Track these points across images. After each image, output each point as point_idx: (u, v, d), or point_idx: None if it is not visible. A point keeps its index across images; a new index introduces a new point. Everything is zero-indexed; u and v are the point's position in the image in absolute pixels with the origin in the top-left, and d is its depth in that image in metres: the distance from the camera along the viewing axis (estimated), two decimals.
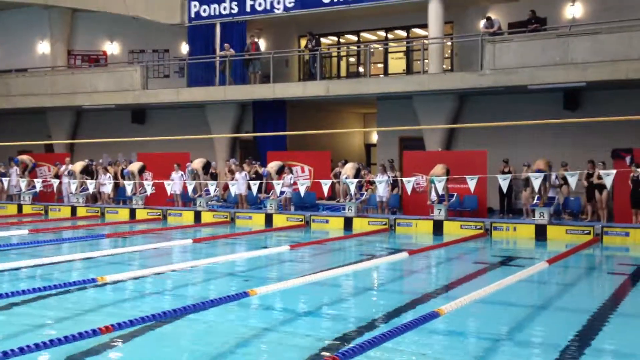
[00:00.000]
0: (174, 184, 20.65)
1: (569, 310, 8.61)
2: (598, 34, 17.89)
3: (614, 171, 14.85)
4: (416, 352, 6.43)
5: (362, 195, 18.97)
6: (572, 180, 15.42)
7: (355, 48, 25.01)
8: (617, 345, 6.83)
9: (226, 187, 21.04)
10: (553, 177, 16.93)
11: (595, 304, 8.73)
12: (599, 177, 16.27)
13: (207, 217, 19.50)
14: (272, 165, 19.78)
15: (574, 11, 20.71)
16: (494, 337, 7.00)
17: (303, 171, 21.47)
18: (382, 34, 24.73)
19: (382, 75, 23.75)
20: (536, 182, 15.66)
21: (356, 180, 18.08)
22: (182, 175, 20.88)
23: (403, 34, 24.50)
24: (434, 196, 17.42)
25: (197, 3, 24.38)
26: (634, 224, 15.72)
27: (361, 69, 24.39)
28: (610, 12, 19.40)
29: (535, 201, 16.54)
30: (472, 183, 16.29)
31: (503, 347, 6.74)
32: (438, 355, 6.40)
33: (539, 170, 16.06)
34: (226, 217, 19.29)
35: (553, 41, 18.50)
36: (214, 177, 21.13)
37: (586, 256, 13.60)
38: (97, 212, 21.04)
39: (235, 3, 23.75)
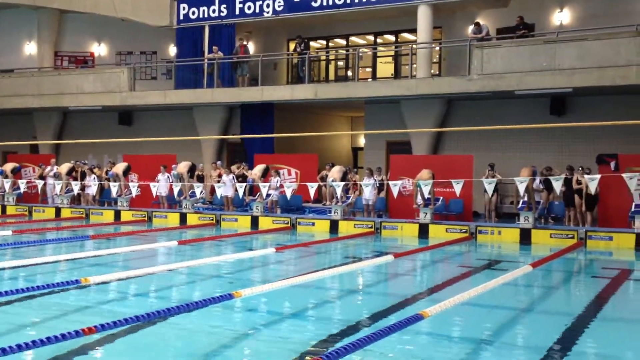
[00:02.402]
0: (159, 186, 20.58)
1: (552, 314, 8.66)
2: (585, 41, 18.04)
3: (598, 176, 14.95)
4: (400, 354, 6.45)
5: (348, 198, 18.99)
6: (557, 185, 15.52)
7: (344, 52, 25.08)
8: (599, 348, 6.87)
9: (213, 190, 21.00)
10: (537, 181, 17.07)
11: (578, 307, 8.78)
12: (578, 182, 16.46)
13: (192, 219, 19.45)
14: (256, 172, 19.76)
15: (561, 18, 20.87)
16: (477, 340, 7.02)
17: (290, 174, 21.47)
18: (371, 38, 24.79)
19: (370, 80, 23.80)
20: (521, 187, 15.74)
21: (342, 183, 18.11)
22: (168, 177, 20.81)
23: (392, 38, 24.58)
24: (419, 200, 17.49)
25: (185, 5, 24.34)
26: (614, 228, 15.84)
27: (350, 73, 24.42)
28: (597, 19, 19.58)
29: (520, 205, 16.63)
30: (457, 187, 16.36)
31: (486, 349, 6.76)
32: (422, 357, 6.42)
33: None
34: (212, 220, 19.24)
35: (540, 47, 18.62)
36: (200, 179, 21.08)
37: (570, 260, 13.68)
38: (82, 214, 20.93)
39: (225, 6, 23.73)
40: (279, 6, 22.81)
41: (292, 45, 24.80)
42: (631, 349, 6.96)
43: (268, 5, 22.98)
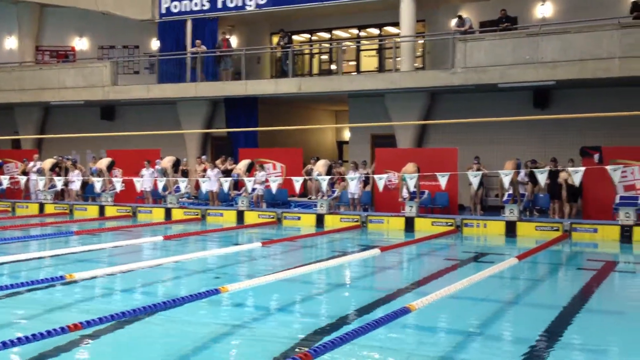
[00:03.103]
0: (144, 181, 20.45)
1: (538, 306, 8.70)
2: (567, 34, 18.14)
3: (583, 169, 15.04)
4: (388, 348, 6.45)
5: (333, 192, 18.99)
6: (542, 178, 15.58)
7: (328, 45, 25.04)
8: (585, 340, 6.92)
9: (197, 185, 20.92)
10: (522, 174, 17.15)
11: (564, 299, 8.84)
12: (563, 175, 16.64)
13: (177, 214, 19.34)
14: (241, 167, 19.72)
15: (544, 11, 20.97)
16: (464, 332, 7.04)
17: (275, 168, 21.42)
18: (355, 31, 24.77)
19: (354, 73, 23.78)
20: (506, 180, 15.81)
21: (328, 177, 18.10)
22: (152, 172, 20.68)
23: (375, 31, 24.57)
24: (405, 193, 17.51)
25: None
26: (598, 220, 15.96)
27: (333, 67, 24.40)
28: (579, 12, 19.70)
29: (505, 198, 16.72)
30: (443, 180, 16.39)
31: (473, 341, 6.78)
32: (409, 350, 6.43)
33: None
34: (197, 214, 19.16)
35: (523, 40, 18.70)
36: (185, 174, 20.96)
37: (555, 252, 13.76)
38: (66, 209, 20.76)
39: None
40: None
41: (275, 39, 24.73)
42: (616, 340, 7.02)
43: None
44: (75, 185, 21.63)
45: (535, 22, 20.52)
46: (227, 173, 20.31)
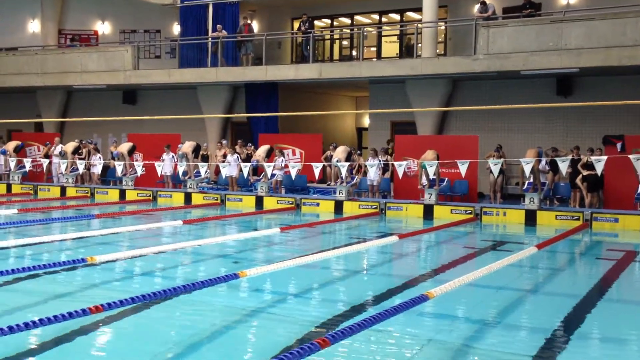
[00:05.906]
0: (164, 165, 20.57)
1: (557, 295, 8.67)
2: (592, 20, 17.88)
3: (605, 157, 14.89)
4: (405, 334, 6.46)
5: (353, 178, 18.98)
6: (563, 166, 15.44)
7: (349, 31, 24.92)
8: (604, 330, 6.88)
9: (217, 170, 20.99)
10: (543, 162, 17.01)
11: (583, 289, 8.80)
12: (585, 166, 16.42)
13: (197, 198, 19.46)
14: (260, 153, 19.75)
15: None
16: (482, 321, 7.03)
17: (294, 154, 21.43)
18: (376, 17, 24.63)
19: (375, 59, 23.66)
20: (527, 168, 15.69)
21: (347, 163, 18.08)
22: (172, 156, 20.80)
23: (397, 17, 24.41)
24: (424, 180, 17.45)
25: None
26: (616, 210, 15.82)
27: (354, 52, 24.29)
28: None
29: (526, 186, 16.61)
30: (463, 168, 16.31)
31: (491, 330, 6.77)
32: (427, 337, 6.43)
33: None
34: (216, 199, 19.25)
35: (547, 27, 18.46)
36: (205, 159, 21.06)
37: (575, 241, 13.67)
38: (87, 193, 20.96)
39: None
40: None
41: (296, 24, 24.65)
42: (635, 331, 6.97)
43: None
44: (97, 169, 21.85)
45: (559, 9, 20.24)
46: (246, 159, 20.36)
